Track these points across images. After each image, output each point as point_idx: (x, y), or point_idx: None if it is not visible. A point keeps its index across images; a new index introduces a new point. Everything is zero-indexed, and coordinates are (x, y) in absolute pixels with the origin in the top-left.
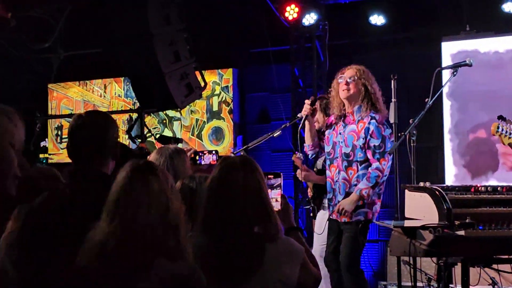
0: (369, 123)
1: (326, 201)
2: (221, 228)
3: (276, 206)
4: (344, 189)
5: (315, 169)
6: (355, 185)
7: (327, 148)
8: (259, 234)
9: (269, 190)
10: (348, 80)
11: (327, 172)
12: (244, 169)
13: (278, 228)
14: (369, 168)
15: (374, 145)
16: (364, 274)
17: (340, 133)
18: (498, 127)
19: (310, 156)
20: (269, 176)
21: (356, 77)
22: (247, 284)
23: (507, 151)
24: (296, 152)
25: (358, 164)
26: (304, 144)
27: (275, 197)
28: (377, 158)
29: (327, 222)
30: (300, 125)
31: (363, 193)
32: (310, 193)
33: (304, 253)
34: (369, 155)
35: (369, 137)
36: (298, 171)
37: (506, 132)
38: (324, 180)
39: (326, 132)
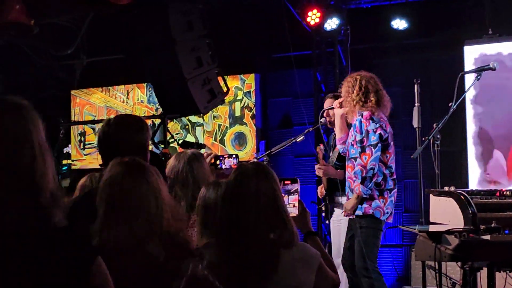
0: (356, 120)
1: (340, 199)
2: (236, 235)
3: (294, 211)
4: (349, 186)
5: (329, 164)
6: (354, 181)
7: (345, 150)
8: (274, 241)
9: (286, 196)
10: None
11: (346, 172)
12: (258, 176)
13: (294, 234)
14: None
15: (358, 140)
16: (383, 279)
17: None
18: None
19: (340, 150)
20: (286, 182)
21: (343, 93)
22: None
23: None
24: (320, 144)
25: (353, 160)
26: (323, 145)
27: (292, 202)
28: (358, 153)
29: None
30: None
31: (356, 191)
32: (320, 191)
33: (320, 258)
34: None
35: (355, 133)
36: (317, 166)
37: None
38: (341, 175)
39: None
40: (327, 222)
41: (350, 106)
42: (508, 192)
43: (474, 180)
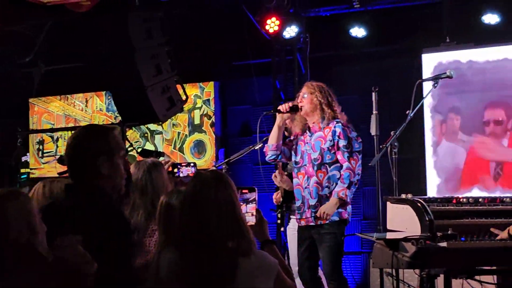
0: (335, 126)
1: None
2: (194, 244)
3: (252, 220)
4: (316, 192)
5: (286, 173)
6: (327, 186)
7: (296, 158)
8: (232, 249)
9: (243, 205)
10: (304, 96)
11: (296, 180)
12: (217, 185)
13: (252, 243)
14: (341, 170)
15: (343, 145)
16: (347, 282)
17: (307, 143)
18: None
19: (268, 157)
20: (244, 191)
21: (309, 92)
22: None
23: None
24: (266, 153)
25: (327, 166)
26: (266, 144)
27: (250, 211)
28: (347, 157)
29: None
30: (265, 113)
31: (341, 195)
32: (276, 198)
33: (278, 266)
34: (339, 156)
35: (337, 138)
36: (274, 175)
37: None
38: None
39: (294, 142)
40: (281, 229)
41: (315, 108)
42: (464, 199)
43: (433, 187)
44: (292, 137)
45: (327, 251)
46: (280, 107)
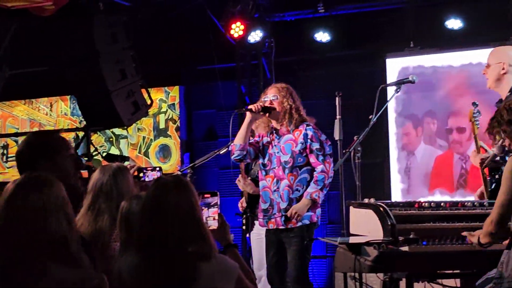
0: (306, 129)
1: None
2: (154, 248)
3: (214, 224)
4: (287, 195)
5: (249, 178)
6: (297, 189)
7: (263, 160)
8: (193, 254)
9: (205, 209)
10: (272, 99)
11: (263, 182)
12: (177, 190)
13: (212, 247)
14: (315, 172)
15: (316, 148)
16: (314, 287)
17: (275, 145)
18: (473, 114)
19: (234, 156)
20: (206, 195)
21: (281, 96)
22: None
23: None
24: (233, 152)
25: (298, 169)
26: (233, 143)
27: (212, 215)
28: (321, 160)
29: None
30: (237, 111)
31: (314, 196)
32: (241, 204)
33: (239, 269)
34: (312, 158)
35: (309, 141)
36: (238, 179)
37: (477, 120)
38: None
39: (260, 144)
40: (248, 235)
41: (286, 111)
42: (426, 204)
43: (397, 192)
44: (256, 138)
45: (294, 255)
46: (251, 106)
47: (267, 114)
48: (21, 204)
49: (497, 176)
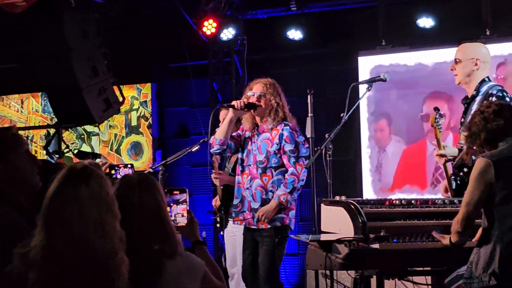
0: (283, 129)
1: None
2: None
3: (182, 221)
4: (260, 196)
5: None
6: (271, 191)
7: (242, 155)
8: (158, 251)
9: (174, 206)
10: (260, 94)
11: (238, 178)
12: (141, 187)
13: (177, 245)
14: (286, 174)
15: (289, 150)
16: (284, 287)
17: (254, 142)
18: (435, 119)
19: (213, 150)
20: (175, 192)
21: (268, 93)
22: None
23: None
24: (212, 146)
25: (273, 169)
26: (214, 137)
27: (181, 212)
28: (292, 162)
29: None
30: (219, 106)
31: (282, 199)
32: (216, 202)
33: (205, 267)
34: (285, 160)
35: (283, 142)
36: (213, 176)
37: (439, 125)
38: (234, 181)
39: (242, 138)
40: (221, 233)
41: (269, 109)
42: (397, 201)
43: (369, 189)
44: (239, 131)
45: (264, 255)
46: (234, 103)
47: (252, 110)
48: None
49: (461, 173)
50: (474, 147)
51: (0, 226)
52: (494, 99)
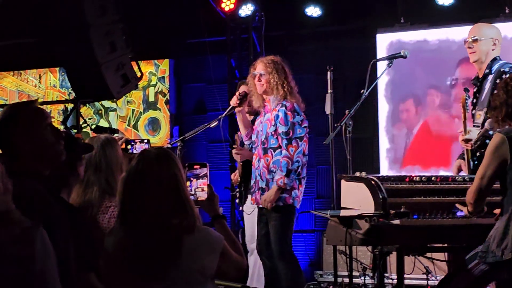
0: (279, 110)
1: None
2: (137, 221)
3: (202, 195)
4: (264, 175)
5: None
6: (272, 171)
7: (253, 137)
8: (176, 226)
9: (194, 180)
10: (261, 73)
11: (253, 158)
12: (160, 162)
13: (195, 219)
14: (280, 157)
15: (282, 132)
16: (298, 262)
17: (261, 122)
18: (466, 100)
19: (248, 145)
20: (195, 166)
21: (267, 72)
22: (166, 276)
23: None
24: (238, 132)
25: (272, 150)
26: (241, 135)
27: (201, 186)
28: (284, 145)
29: (257, 208)
30: (224, 114)
31: (279, 183)
32: (235, 178)
33: (224, 241)
34: (279, 142)
35: (278, 124)
36: (234, 152)
37: (468, 107)
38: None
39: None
40: (240, 208)
41: (270, 87)
42: (417, 178)
43: (385, 166)
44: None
45: (273, 230)
46: (231, 102)
47: (247, 100)
48: None
49: (478, 154)
50: (499, 118)
51: (26, 200)
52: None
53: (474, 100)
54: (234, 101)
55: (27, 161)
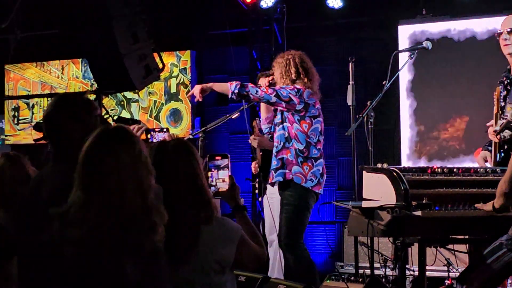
0: None
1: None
2: None
3: (224, 186)
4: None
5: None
6: (276, 146)
7: (271, 129)
8: (194, 217)
9: (215, 171)
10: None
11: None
12: (177, 153)
13: (213, 210)
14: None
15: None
16: (307, 252)
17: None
18: (501, 92)
19: (264, 130)
20: (217, 158)
21: (280, 74)
22: (184, 266)
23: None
24: (256, 118)
25: (276, 126)
26: (260, 118)
27: (222, 177)
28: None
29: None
30: (247, 105)
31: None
32: (254, 167)
33: (242, 232)
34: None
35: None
36: (251, 137)
37: (502, 99)
38: None
39: None
40: (260, 199)
41: (276, 81)
42: (439, 169)
43: (406, 157)
44: None
45: (280, 220)
46: (261, 84)
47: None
48: None
49: (506, 147)
50: None
51: (56, 183)
52: None
53: (505, 92)
54: (266, 82)
55: (76, 150)
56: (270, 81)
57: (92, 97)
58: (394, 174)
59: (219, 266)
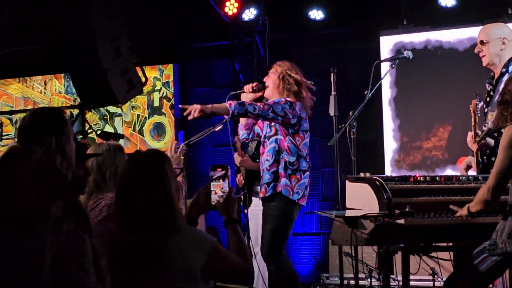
0: None
1: (258, 188)
2: (126, 218)
3: (214, 198)
4: (263, 166)
5: (247, 155)
6: (267, 160)
7: (248, 136)
8: (161, 226)
9: (214, 183)
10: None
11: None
12: (149, 162)
13: (180, 220)
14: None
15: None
16: (289, 263)
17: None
18: (476, 105)
19: (241, 136)
20: (218, 169)
21: (271, 73)
22: (150, 275)
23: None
24: (239, 133)
25: (267, 139)
26: (238, 124)
27: (214, 189)
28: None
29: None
30: (232, 93)
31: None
32: (239, 180)
33: (215, 243)
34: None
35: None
36: (235, 155)
37: (478, 111)
38: (258, 167)
39: None
40: (245, 211)
41: (271, 88)
42: (421, 178)
43: (389, 167)
44: None
45: (265, 226)
46: (244, 87)
47: (260, 92)
48: None
49: (488, 152)
50: (505, 114)
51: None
52: None
53: (488, 99)
54: (248, 88)
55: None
56: (254, 87)
57: (75, 112)
58: (377, 183)
59: (188, 275)
